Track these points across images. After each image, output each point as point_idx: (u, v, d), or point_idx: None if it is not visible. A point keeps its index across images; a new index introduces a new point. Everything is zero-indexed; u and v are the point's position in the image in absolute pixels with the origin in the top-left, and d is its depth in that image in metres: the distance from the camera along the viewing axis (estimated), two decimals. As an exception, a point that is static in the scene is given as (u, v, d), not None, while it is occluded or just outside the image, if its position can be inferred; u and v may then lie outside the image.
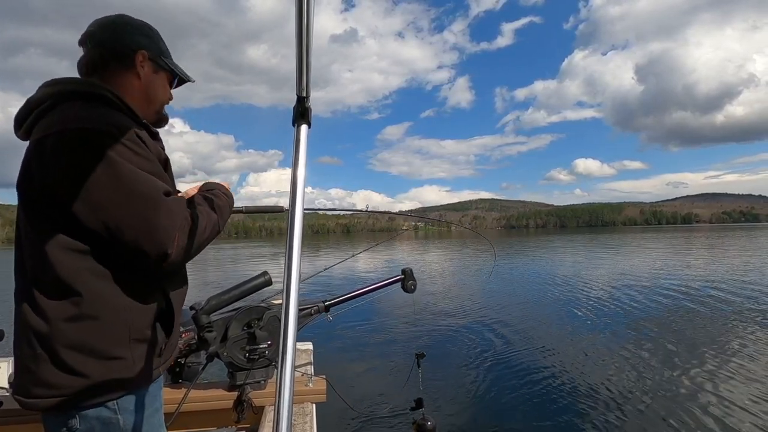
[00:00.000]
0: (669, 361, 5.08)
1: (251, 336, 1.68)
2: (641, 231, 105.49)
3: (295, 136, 0.66)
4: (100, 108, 0.90)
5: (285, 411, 0.49)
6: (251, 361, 1.68)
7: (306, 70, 0.63)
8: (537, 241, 44.91)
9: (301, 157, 0.64)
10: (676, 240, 37.51)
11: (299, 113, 0.68)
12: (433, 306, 9.14)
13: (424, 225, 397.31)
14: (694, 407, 3.85)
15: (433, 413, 1.39)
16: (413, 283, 2.08)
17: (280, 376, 0.51)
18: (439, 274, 16.03)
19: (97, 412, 0.89)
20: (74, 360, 0.85)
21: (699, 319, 7.17)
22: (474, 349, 5.91)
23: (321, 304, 1.89)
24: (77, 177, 0.83)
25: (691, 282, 11.27)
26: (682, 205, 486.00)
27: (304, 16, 0.56)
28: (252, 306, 1.70)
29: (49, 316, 0.84)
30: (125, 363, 0.91)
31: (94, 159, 0.83)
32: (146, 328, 0.95)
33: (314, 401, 1.82)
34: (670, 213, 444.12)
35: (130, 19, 1.07)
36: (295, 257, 0.57)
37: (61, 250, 0.85)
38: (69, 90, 0.92)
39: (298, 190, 0.62)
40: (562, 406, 4.00)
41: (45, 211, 0.86)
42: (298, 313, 0.55)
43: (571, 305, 8.88)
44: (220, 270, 19.18)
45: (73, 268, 0.85)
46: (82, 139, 0.83)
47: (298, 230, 0.59)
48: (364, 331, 6.90)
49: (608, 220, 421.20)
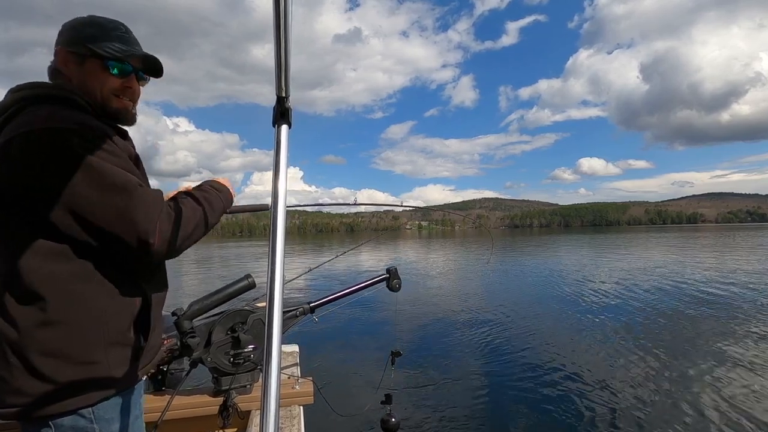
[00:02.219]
0: (670, 365, 5.02)
1: (236, 340, 1.66)
2: (645, 230, 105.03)
3: (275, 137, 0.66)
4: (66, 109, 0.89)
5: (272, 414, 0.48)
6: (236, 365, 1.67)
7: (285, 70, 0.62)
8: (539, 241, 44.82)
9: (282, 158, 0.64)
10: (679, 240, 37.26)
11: (279, 113, 0.67)
12: (424, 304, 9.16)
13: (428, 224, 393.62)
14: (696, 408, 3.81)
15: (403, 410, 1.41)
16: (398, 282, 2.10)
17: (265, 380, 0.50)
18: (435, 272, 15.99)
19: (72, 421, 0.86)
20: (47, 366, 0.83)
21: (703, 320, 7.09)
22: (459, 348, 5.94)
23: (306, 306, 1.88)
24: (48, 176, 0.82)
25: (696, 282, 11.17)
26: (687, 205, 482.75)
27: (281, 15, 0.55)
28: (236, 310, 1.69)
29: (20, 323, 0.82)
30: (100, 368, 0.88)
31: (64, 157, 0.82)
32: (123, 332, 0.93)
33: (301, 403, 1.81)
34: (676, 212, 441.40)
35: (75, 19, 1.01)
36: (278, 259, 0.57)
37: (32, 253, 0.83)
38: (35, 94, 0.91)
39: (280, 190, 0.62)
40: (542, 407, 3.99)
41: (15, 214, 0.84)
42: (282, 316, 0.55)
43: (566, 304, 8.84)
44: (225, 268, 19.20)
45: (45, 272, 0.84)
46: (51, 138, 0.82)
47: (281, 231, 0.58)
48: (351, 331, 6.88)
49: (613, 220, 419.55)
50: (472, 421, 3.74)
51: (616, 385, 4.39)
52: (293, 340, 2.20)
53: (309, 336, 6.05)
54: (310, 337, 6.09)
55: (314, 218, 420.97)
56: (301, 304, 1.88)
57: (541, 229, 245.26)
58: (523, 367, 5.08)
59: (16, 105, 0.89)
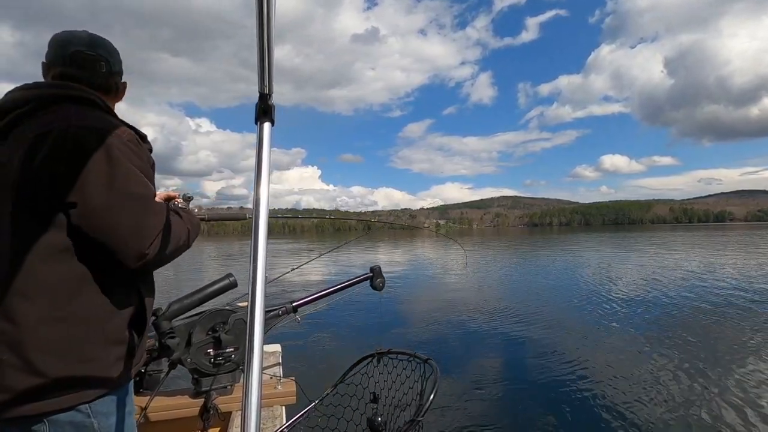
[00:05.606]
0: (699, 372, 4.78)
1: (216, 340, 1.64)
2: (671, 229, 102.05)
3: (258, 135, 0.65)
4: (96, 111, 0.93)
5: (253, 415, 0.49)
6: (217, 366, 1.65)
7: (268, 67, 0.62)
8: (553, 240, 43.95)
9: (265, 156, 0.63)
10: (705, 239, 36.02)
11: (262, 110, 0.67)
12: (412, 303, 9.20)
13: (445, 223, 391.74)
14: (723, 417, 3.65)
15: (388, 408, 1.39)
16: (382, 281, 2.08)
17: (247, 380, 0.50)
18: (415, 272, 15.90)
19: (70, 417, 0.87)
20: (44, 363, 0.83)
21: (731, 324, 6.74)
22: (445, 346, 5.99)
23: (289, 305, 1.86)
24: (78, 172, 0.84)
25: (724, 284, 10.74)
26: (715, 203, 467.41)
27: (264, 12, 0.55)
28: (217, 309, 1.67)
29: (19, 319, 0.82)
30: (100, 365, 0.90)
31: (98, 156, 0.85)
32: (121, 330, 0.95)
33: (283, 404, 1.80)
34: (702, 211, 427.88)
35: (105, 40, 1.08)
36: (260, 258, 0.56)
37: (37, 250, 0.84)
38: (58, 94, 0.93)
39: (262, 190, 0.61)
40: (531, 403, 3.95)
41: (28, 208, 0.85)
42: (264, 315, 0.55)
43: (564, 300, 8.66)
44: (214, 268, 19.39)
45: (48, 269, 0.85)
46: (88, 137, 0.86)
47: (263, 231, 0.58)
48: (335, 331, 6.87)
49: (636, 218, 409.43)
50: (468, 417, 3.70)
51: (620, 386, 4.25)
52: (276, 339, 2.18)
53: (292, 335, 6.02)
54: (293, 336, 6.07)
55: (348, 216, 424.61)
56: (283, 303, 1.86)
57: (561, 228, 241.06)
58: (518, 366, 5.06)
59: (36, 102, 0.90)
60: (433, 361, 1.43)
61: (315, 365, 5.17)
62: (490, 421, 3.75)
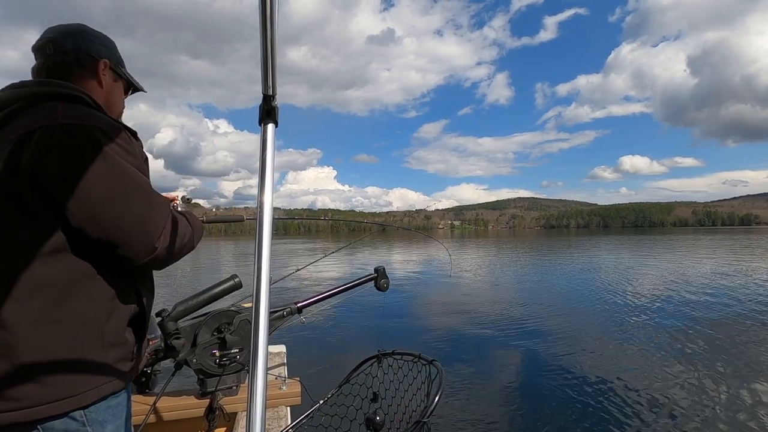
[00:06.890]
0: (722, 382, 4.65)
1: (222, 341, 1.66)
2: (693, 232, 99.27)
3: (261, 136, 0.65)
4: (84, 107, 0.91)
5: (258, 416, 0.48)
6: (222, 366, 1.66)
7: (272, 68, 0.62)
8: (570, 242, 43.19)
9: (269, 158, 0.63)
10: (729, 242, 34.89)
11: (266, 112, 0.66)
12: (416, 304, 9.18)
13: (460, 224, 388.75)
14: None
15: (393, 409, 1.38)
16: (386, 282, 2.09)
17: (252, 381, 0.50)
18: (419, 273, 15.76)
19: (64, 424, 0.83)
20: (37, 368, 0.79)
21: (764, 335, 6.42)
22: (449, 347, 5.96)
23: (293, 306, 1.87)
24: (70, 170, 0.81)
25: (748, 291, 10.38)
26: (741, 205, 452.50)
27: (267, 13, 0.55)
28: (222, 310, 1.68)
29: (9, 323, 0.78)
30: (97, 368, 0.87)
31: (88, 153, 0.83)
32: (120, 332, 0.92)
33: (288, 404, 1.80)
34: (727, 213, 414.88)
35: (90, 29, 1.08)
36: (264, 259, 0.56)
37: (32, 250, 0.81)
38: (45, 92, 0.90)
39: (266, 191, 0.61)
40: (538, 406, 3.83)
41: (21, 208, 0.82)
42: (269, 316, 0.55)
43: (572, 302, 8.53)
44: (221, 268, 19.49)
45: (44, 269, 0.81)
46: (75, 133, 0.83)
47: (267, 232, 0.58)
48: (339, 331, 6.84)
49: (656, 221, 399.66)
50: (467, 418, 3.67)
51: (633, 395, 4.15)
52: (280, 340, 2.19)
53: (297, 336, 6.04)
54: (298, 337, 6.08)
55: (347, 217, 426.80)
56: (288, 304, 1.86)
57: (579, 230, 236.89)
58: (527, 371, 4.99)
59: (23, 100, 0.88)
60: (438, 363, 1.41)
61: (319, 366, 5.17)
62: (496, 425, 3.70)
